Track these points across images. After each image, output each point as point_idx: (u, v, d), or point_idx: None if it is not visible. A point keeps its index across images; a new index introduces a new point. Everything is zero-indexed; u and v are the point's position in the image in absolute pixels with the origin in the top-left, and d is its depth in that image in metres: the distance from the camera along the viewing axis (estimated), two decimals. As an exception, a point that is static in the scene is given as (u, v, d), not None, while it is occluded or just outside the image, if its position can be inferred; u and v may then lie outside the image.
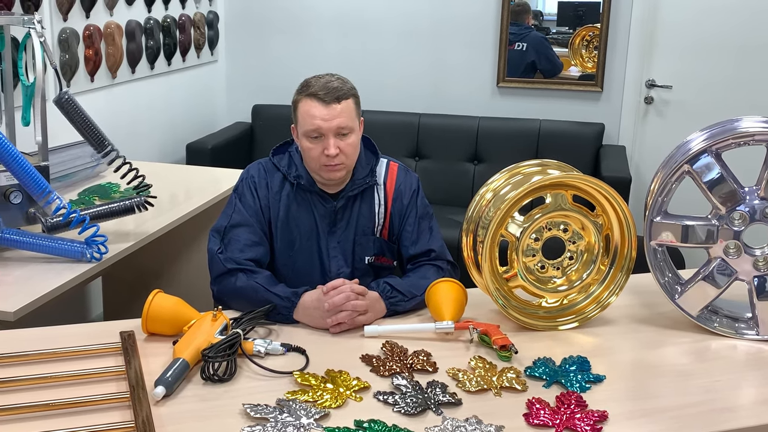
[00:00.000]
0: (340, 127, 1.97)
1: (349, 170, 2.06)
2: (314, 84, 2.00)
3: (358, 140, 2.05)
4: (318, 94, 1.98)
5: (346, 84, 2.02)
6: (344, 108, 1.98)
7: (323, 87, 1.98)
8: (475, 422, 1.46)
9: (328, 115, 1.96)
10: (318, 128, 1.97)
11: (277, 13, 4.63)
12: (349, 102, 2.00)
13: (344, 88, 2.00)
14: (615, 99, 4.36)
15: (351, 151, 2.01)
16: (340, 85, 2.00)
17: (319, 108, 1.97)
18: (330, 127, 1.97)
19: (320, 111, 1.97)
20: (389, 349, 1.74)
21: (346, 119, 1.98)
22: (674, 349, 1.82)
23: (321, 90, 1.98)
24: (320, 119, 1.97)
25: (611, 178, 3.70)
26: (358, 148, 2.06)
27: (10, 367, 1.61)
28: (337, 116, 1.97)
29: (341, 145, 1.98)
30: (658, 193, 1.88)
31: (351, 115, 1.99)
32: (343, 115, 1.97)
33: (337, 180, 2.05)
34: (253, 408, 1.46)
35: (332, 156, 1.97)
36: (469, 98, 4.48)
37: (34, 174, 2.14)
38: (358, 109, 2.04)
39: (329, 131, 1.97)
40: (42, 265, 2.17)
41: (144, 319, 1.75)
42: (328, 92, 1.97)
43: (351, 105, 2.00)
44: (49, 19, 3.15)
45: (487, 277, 1.84)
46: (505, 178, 1.91)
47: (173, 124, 4.22)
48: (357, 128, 2.03)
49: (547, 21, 4.41)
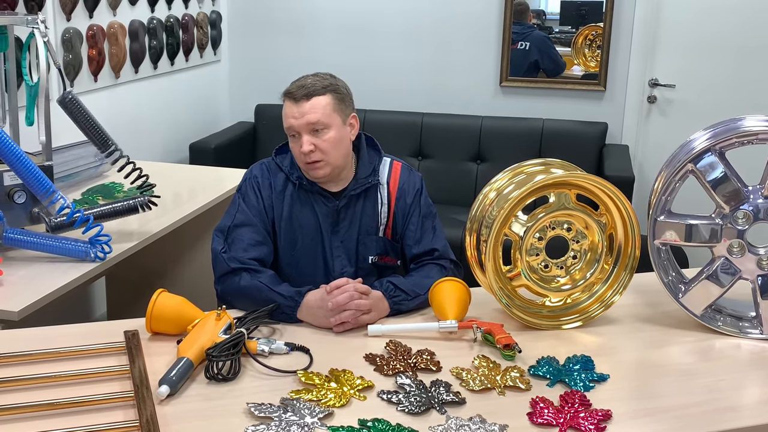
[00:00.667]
0: (310, 123, 1.98)
1: (335, 167, 2.05)
2: (292, 84, 2.03)
3: (341, 137, 2.03)
4: (290, 92, 2.02)
5: (324, 81, 2.03)
6: (314, 105, 1.98)
7: (296, 85, 2.02)
8: (479, 421, 1.46)
9: (297, 113, 1.99)
10: (291, 126, 2.01)
11: (280, 12, 4.63)
12: (323, 98, 2.00)
13: (318, 85, 2.01)
14: (618, 98, 4.35)
15: (328, 148, 2.01)
16: (314, 82, 2.01)
17: (290, 106, 2.00)
18: (300, 124, 1.98)
19: (291, 109, 2.00)
20: (393, 348, 1.74)
21: (318, 115, 1.98)
22: (678, 349, 1.82)
23: (293, 88, 2.01)
24: (291, 117, 2.00)
25: (614, 178, 3.69)
26: (342, 145, 2.04)
27: (15, 367, 1.62)
28: (307, 113, 1.98)
29: (316, 142, 1.99)
30: (661, 192, 1.88)
31: (324, 111, 1.99)
32: (313, 112, 1.98)
33: (320, 178, 2.05)
34: (257, 407, 1.47)
35: (306, 153, 1.99)
36: (472, 97, 4.48)
37: (38, 174, 2.15)
38: (341, 104, 2.03)
39: (301, 128, 1.99)
40: (46, 265, 2.18)
41: (148, 318, 1.75)
42: (298, 89, 2.00)
43: (324, 101, 2.00)
44: (52, 19, 3.16)
45: (490, 276, 1.84)
46: (509, 178, 1.91)
47: (176, 123, 4.23)
48: (336, 124, 2.01)
49: (549, 20, 4.41)
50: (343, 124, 2.03)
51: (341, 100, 2.03)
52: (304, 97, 1.98)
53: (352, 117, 2.07)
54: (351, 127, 2.08)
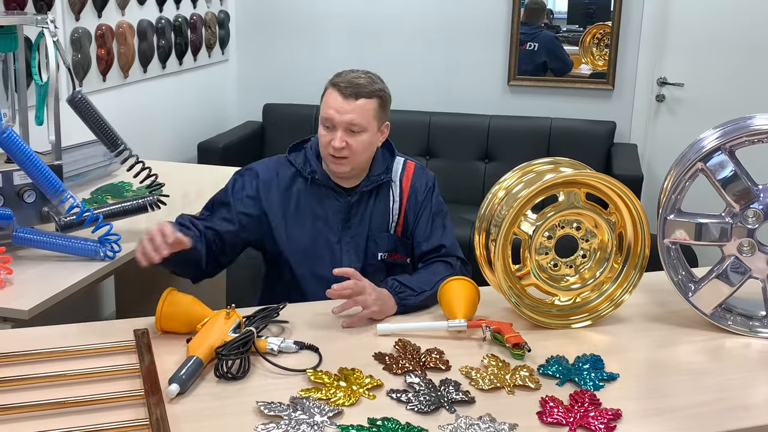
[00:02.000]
0: (351, 122, 1.98)
1: (356, 167, 2.06)
2: (343, 75, 2.03)
3: (372, 141, 2.05)
4: (340, 85, 2.00)
5: (374, 84, 2.03)
6: (361, 105, 1.98)
7: (348, 80, 2.01)
8: (489, 420, 1.46)
9: (342, 108, 1.98)
10: (330, 118, 2.00)
11: (288, 12, 4.63)
12: (370, 102, 2.00)
13: (369, 87, 2.01)
14: (626, 97, 4.34)
15: (359, 149, 2.02)
16: (366, 83, 2.01)
17: (336, 98, 2.00)
18: (341, 120, 1.98)
19: (337, 102, 1.99)
20: (402, 347, 1.74)
21: (359, 117, 1.98)
22: (688, 348, 1.81)
23: (344, 82, 2.00)
24: (334, 110, 1.99)
25: (623, 177, 3.68)
26: (370, 149, 2.06)
27: (25, 365, 1.62)
28: (351, 112, 1.98)
29: (349, 140, 2.00)
30: (671, 191, 1.88)
31: (367, 115, 2.00)
32: (357, 112, 1.98)
33: (341, 174, 2.06)
34: (266, 406, 1.47)
35: (337, 149, 1.99)
36: (480, 97, 4.48)
37: (48, 173, 2.15)
38: (382, 111, 2.05)
39: (340, 124, 1.99)
40: (56, 264, 2.18)
41: (158, 317, 1.75)
42: (350, 86, 1.99)
43: (371, 105, 2.01)
44: (61, 19, 3.16)
45: (499, 275, 1.84)
46: (518, 176, 1.91)
47: (185, 123, 4.23)
48: (372, 129, 2.03)
49: (557, 19, 4.41)
50: (377, 131, 2.05)
51: (383, 107, 2.05)
52: (353, 95, 1.99)
53: (385, 125, 2.09)
54: (381, 134, 2.09)
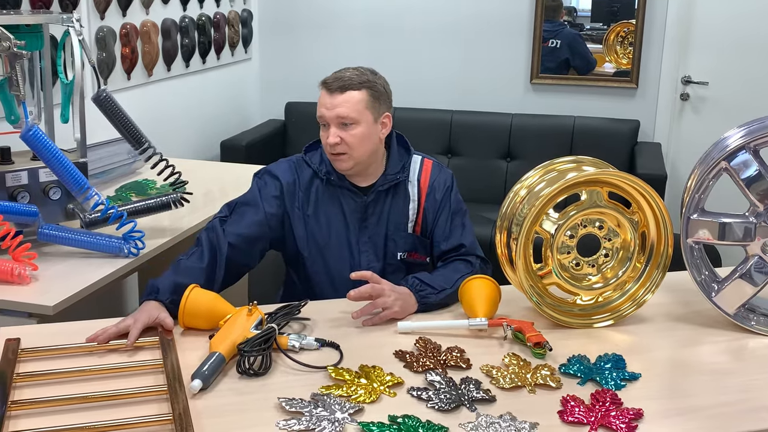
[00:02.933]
0: (339, 116, 1.99)
1: (359, 162, 2.05)
2: (331, 74, 2.04)
3: (368, 133, 2.03)
4: (327, 82, 2.03)
5: (362, 76, 2.03)
6: (347, 99, 1.99)
7: (334, 77, 2.03)
8: (510, 419, 1.46)
9: (330, 104, 2.00)
10: (321, 116, 2.03)
11: (310, 11, 4.65)
12: (357, 94, 2.00)
13: (356, 79, 2.01)
14: (650, 95, 4.32)
15: (354, 142, 2.01)
16: (352, 76, 2.02)
17: (324, 96, 2.02)
18: (331, 115, 2.00)
19: (325, 99, 2.02)
20: (423, 345, 1.74)
21: (347, 109, 1.99)
22: (710, 348, 1.80)
23: (330, 79, 2.03)
24: (323, 107, 2.02)
25: (646, 176, 3.66)
26: (368, 142, 2.04)
27: (50, 360, 1.64)
28: (338, 106, 1.99)
29: (343, 135, 2.00)
30: (694, 190, 1.86)
31: (356, 107, 2.00)
32: (345, 106, 1.99)
33: (344, 170, 2.07)
34: (288, 402, 1.48)
35: (332, 144, 2.00)
36: (502, 95, 4.47)
37: (73, 170, 2.18)
38: (375, 102, 2.04)
39: (331, 120, 2.01)
40: (80, 260, 2.21)
41: (181, 313, 1.77)
42: (335, 81, 2.01)
43: (359, 96, 2.00)
44: (86, 18, 3.19)
45: (521, 274, 1.84)
46: (540, 175, 1.91)
47: (208, 121, 4.26)
48: (366, 121, 2.02)
49: (581, 17, 4.39)
50: (374, 122, 2.04)
51: (376, 98, 2.04)
52: (338, 89, 2.00)
53: (385, 116, 2.07)
54: (383, 126, 2.08)
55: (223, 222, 2.04)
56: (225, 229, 2.01)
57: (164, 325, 1.76)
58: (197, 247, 1.97)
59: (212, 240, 1.98)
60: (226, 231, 2.01)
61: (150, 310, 1.78)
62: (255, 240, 2.05)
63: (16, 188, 2.20)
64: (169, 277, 1.86)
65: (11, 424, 1.41)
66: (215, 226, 2.02)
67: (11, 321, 1.93)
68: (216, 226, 2.02)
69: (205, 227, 2.04)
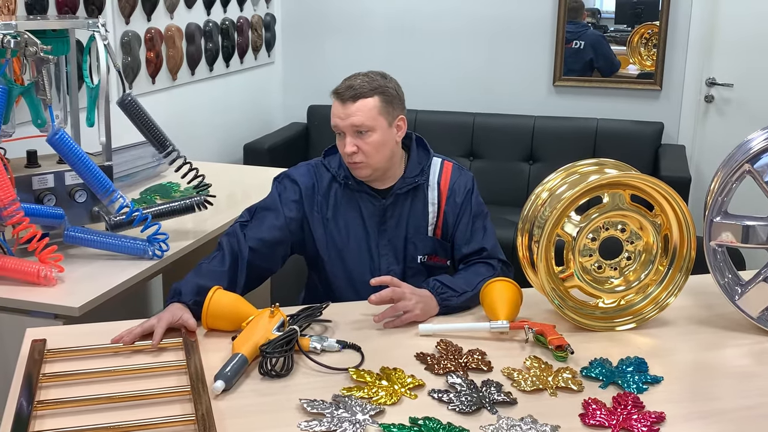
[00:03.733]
0: (354, 125, 1.99)
1: (377, 168, 2.05)
2: (342, 83, 2.04)
3: (385, 139, 2.03)
4: (338, 91, 2.03)
5: (373, 82, 2.02)
6: (360, 107, 1.99)
7: (344, 85, 2.02)
8: (531, 422, 1.46)
9: (343, 114, 2.00)
10: (336, 125, 2.03)
11: (333, 15, 4.66)
12: (370, 101, 2.00)
13: (367, 86, 2.00)
14: (674, 97, 4.29)
15: (370, 150, 2.01)
16: (363, 84, 2.01)
17: (337, 106, 2.02)
18: (345, 125, 2.00)
19: (338, 109, 2.02)
20: (444, 347, 1.75)
21: (362, 117, 1.99)
22: (734, 351, 1.79)
23: (341, 88, 2.02)
24: (337, 117, 2.02)
25: (670, 178, 3.64)
26: (386, 147, 2.04)
27: (76, 361, 1.67)
28: (352, 115, 1.99)
29: (359, 143, 2.00)
30: (718, 192, 1.85)
31: (370, 114, 1.99)
32: (358, 114, 1.99)
33: (362, 178, 2.07)
34: (309, 403, 1.49)
35: (349, 153, 2.01)
36: (525, 97, 4.46)
37: (99, 173, 2.20)
38: (388, 107, 2.03)
39: (346, 129, 2.01)
40: (106, 262, 2.23)
41: (204, 315, 1.79)
42: (346, 90, 2.01)
43: (372, 103, 2.00)
44: (112, 23, 3.23)
45: (542, 277, 1.84)
46: (562, 177, 1.90)
47: (231, 124, 4.29)
48: (381, 127, 2.01)
49: (604, 18, 4.37)
50: (388, 127, 2.03)
51: (389, 102, 2.03)
52: (350, 98, 1.99)
53: (399, 119, 2.06)
54: (398, 129, 2.07)
55: (244, 227, 2.06)
56: (246, 234, 2.02)
57: (187, 325, 1.78)
58: (218, 252, 1.99)
59: (233, 245, 1.99)
60: (247, 236, 2.02)
61: (174, 310, 1.80)
62: (275, 244, 2.06)
63: (42, 191, 2.23)
64: (192, 279, 1.88)
65: (37, 423, 1.43)
66: (236, 231, 2.03)
67: (38, 322, 1.95)
68: (237, 230, 2.04)
69: (226, 232, 2.05)
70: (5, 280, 2.07)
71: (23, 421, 1.40)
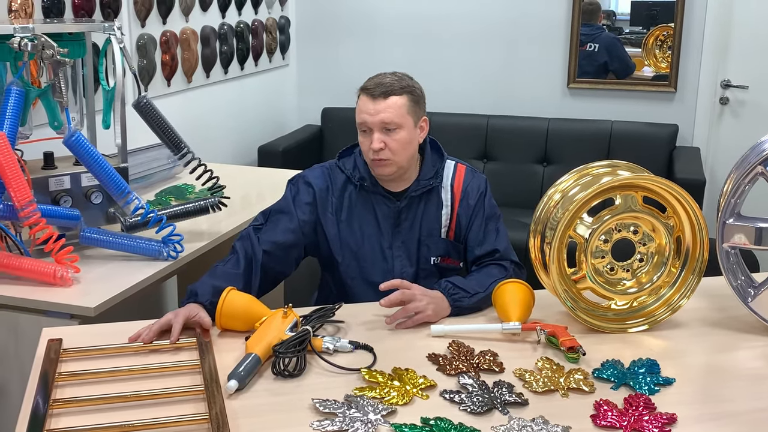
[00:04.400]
0: (384, 122, 2.00)
1: (401, 167, 2.07)
2: (370, 80, 2.06)
3: (410, 138, 2.05)
4: (368, 88, 2.04)
5: (402, 81, 2.05)
6: (390, 104, 2.01)
7: (374, 82, 2.04)
8: (542, 422, 1.46)
9: (373, 110, 2.01)
10: (364, 122, 2.03)
11: (347, 17, 4.68)
12: (400, 99, 2.02)
13: (397, 84, 2.03)
14: (689, 100, 4.27)
15: (397, 148, 2.03)
16: (393, 82, 2.03)
17: (366, 102, 2.03)
18: (374, 121, 2.01)
19: (367, 105, 2.02)
20: (456, 348, 1.75)
21: (392, 115, 2.00)
22: (747, 353, 1.79)
23: (371, 85, 2.04)
24: (366, 113, 2.02)
25: (685, 180, 3.63)
26: (410, 146, 2.06)
27: (91, 360, 1.68)
28: (382, 111, 2.00)
29: (387, 140, 2.02)
30: (730, 194, 1.85)
31: (399, 112, 2.01)
32: (389, 111, 2.00)
33: (386, 175, 2.08)
34: (321, 403, 1.50)
35: (376, 150, 2.01)
36: (539, 99, 4.45)
37: (114, 175, 2.22)
38: (415, 107, 2.05)
39: (374, 125, 2.01)
40: (121, 263, 2.25)
41: (218, 315, 1.80)
42: (377, 87, 2.02)
43: (402, 101, 2.02)
44: (127, 26, 3.25)
45: (554, 278, 1.84)
46: (574, 179, 1.91)
47: (246, 127, 4.31)
48: (408, 125, 2.03)
49: (620, 21, 4.36)
50: (414, 126, 2.06)
51: (416, 102, 2.06)
52: (381, 95, 2.01)
53: (423, 120, 2.10)
54: (421, 130, 2.10)
55: (258, 230, 2.07)
56: (260, 237, 2.04)
57: (203, 323, 1.80)
58: (233, 255, 2.01)
59: (246, 248, 2.01)
60: (261, 239, 2.04)
61: (190, 308, 1.82)
62: (289, 247, 2.08)
63: (59, 192, 2.26)
64: (207, 281, 1.90)
65: (53, 421, 1.45)
66: (249, 234, 2.05)
67: (54, 322, 1.97)
68: (250, 234, 2.05)
69: (240, 236, 2.07)
70: (22, 280, 2.09)
71: (39, 419, 1.42)
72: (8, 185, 2.02)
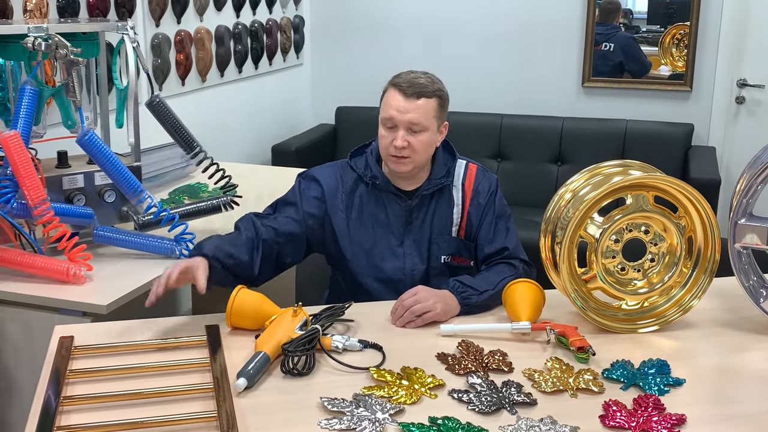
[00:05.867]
0: (412, 122, 2.00)
1: (417, 166, 2.07)
2: (403, 76, 2.06)
3: (432, 140, 2.06)
4: (401, 85, 2.03)
5: (434, 84, 2.05)
6: (422, 105, 2.01)
7: (408, 80, 2.03)
8: (550, 422, 1.46)
9: (404, 108, 2.01)
10: (392, 118, 2.02)
11: (361, 17, 4.68)
12: (431, 101, 2.02)
13: (430, 87, 2.03)
14: (705, 99, 4.25)
15: (420, 148, 2.03)
16: (426, 83, 2.03)
17: (398, 99, 2.02)
18: (402, 119, 2.01)
19: (398, 102, 2.02)
20: (465, 348, 1.75)
21: (421, 116, 2.00)
22: (758, 354, 1.78)
23: (405, 83, 2.03)
24: (395, 110, 2.02)
25: (700, 180, 3.61)
26: (430, 148, 2.07)
27: (103, 357, 1.69)
28: (413, 111, 2.00)
29: (411, 140, 2.02)
30: (743, 194, 1.84)
31: (427, 114, 2.02)
32: (419, 112, 2.00)
33: (402, 173, 2.08)
34: (330, 401, 1.50)
35: (399, 148, 2.01)
36: (554, 98, 4.44)
37: (127, 174, 2.24)
38: (442, 111, 2.06)
39: (402, 123, 2.01)
40: (133, 261, 2.26)
41: (228, 313, 1.81)
42: (411, 86, 2.02)
43: (431, 104, 2.03)
44: (142, 25, 3.27)
45: (565, 278, 1.84)
46: (585, 179, 1.90)
47: (259, 126, 4.32)
48: (433, 128, 2.04)
49: (637, 19, 4.34)
50: (437, 130, 2.07)
51: (442, 107, 2.07)
52: (415, 94, 2.01)
53: (444, 125, 2.11)
54: (441, 134, 2.11)
55: (261, 216, 2.10)
56: (263, 222, 2.07)
57: (197, 281, 1.82)
58: (235, 231, 2.05)
59: (248, 227, 2.04)
60: (264, 223, 2.07)
61: (193, 260, 1.86)
62: (292, 235, 2.08)
63: (72, 191, 2.27)
64: (214, 239, 1.95)
65: (63, 418, 1.46)
66: (250, 217, 2.09)
67: (66, 319, 1.99)
68: (251, 216, 2.09)
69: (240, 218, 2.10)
70: (35, 278, 2.11)
71: (50, 415, 1.43)
72: (22, 184, 2.04)
